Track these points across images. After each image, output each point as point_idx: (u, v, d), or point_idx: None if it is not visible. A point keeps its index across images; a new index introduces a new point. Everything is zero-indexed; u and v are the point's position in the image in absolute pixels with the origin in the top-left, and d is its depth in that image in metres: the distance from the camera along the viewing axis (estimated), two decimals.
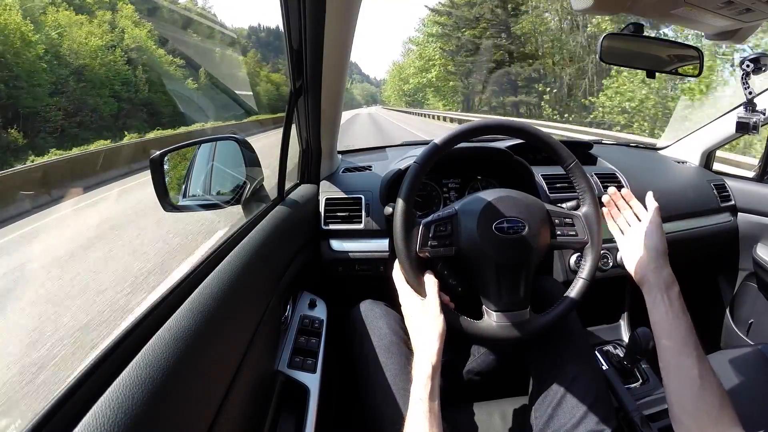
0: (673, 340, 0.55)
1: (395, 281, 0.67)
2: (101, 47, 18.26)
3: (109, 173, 8.20)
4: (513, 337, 0.65)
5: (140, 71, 19.89)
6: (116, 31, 20.32)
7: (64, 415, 0.31)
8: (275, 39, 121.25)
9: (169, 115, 20.68)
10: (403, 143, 1.45)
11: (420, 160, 0.66)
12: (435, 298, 0.61)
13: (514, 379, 0.83)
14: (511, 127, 0.69)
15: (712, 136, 1.31)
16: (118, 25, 20.90)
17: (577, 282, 0.69)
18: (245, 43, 63.08)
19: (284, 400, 0.67)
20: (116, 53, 19.07)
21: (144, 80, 19.98)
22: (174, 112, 21.11)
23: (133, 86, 19.33)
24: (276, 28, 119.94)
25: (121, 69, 19.01)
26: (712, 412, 0.49)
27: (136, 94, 19.38)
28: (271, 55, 75.32)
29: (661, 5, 0.52)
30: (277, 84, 48.42)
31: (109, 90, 17.79)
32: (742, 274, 1.29)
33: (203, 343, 0.43)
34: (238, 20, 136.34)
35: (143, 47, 21.38)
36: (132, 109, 18.71)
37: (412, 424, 0.52)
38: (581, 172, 0.70)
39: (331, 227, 1.01)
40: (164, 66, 23.23)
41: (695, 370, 0.52)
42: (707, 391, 0.51)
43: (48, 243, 4.47)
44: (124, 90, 18.76)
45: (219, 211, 0.80)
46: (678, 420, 0.52)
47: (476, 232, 0.65)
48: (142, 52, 21.23)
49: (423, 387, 0.54)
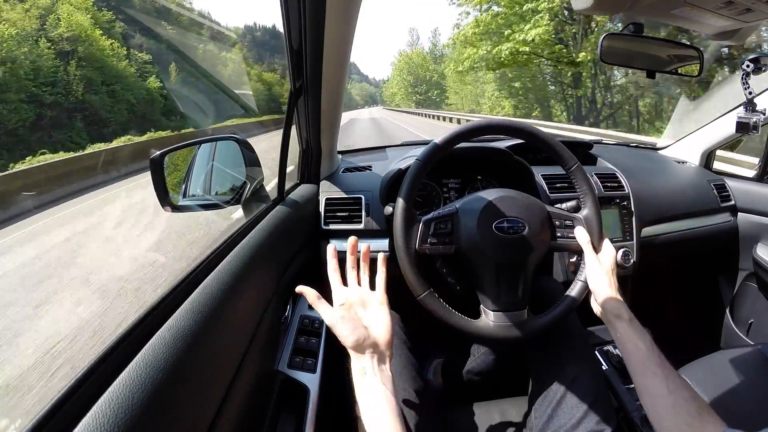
0: (634, 362, 0.57)
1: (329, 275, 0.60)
2: (13, 38, 13.50)
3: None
4: (510, 337, 0.65)
5: (73, 67, 14.95)
6: (51, 18, 15.79)
7: (64, 415, 0.31)
8: (270, 38, 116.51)
9: (120, 121, 15.74)
10: (403, 143, 1.45)
11: (421, 160, 0.66)
12: (382, 289, 0.57)
13: (514, 379, 0.82)
14: (512, 128, 0.69)
15: (712, 136, 1.31)
16: (56, 11, 15.96)
17: (576, 284, 0.69)
18: (232, 38, 57.60)
19: (284, 400, 0.67)
20: (40, 45, 14.47)
21: (79, 78, 14.88)
22: (129, 117, 16.29)
23: (62, 86, 14.46)
24: (273, 26, 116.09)
25: (46, 65, 14.30)
26: (692, 422, 0.50)
27: (67, 97, 14.52)
28: (265, 54, 66.53)
29: (661, 5, 0.52)
30: (269, 84, 41.73)
31: (22, 94, 12.87)
32: (742, 274, 1.29)
33: (203, 343, 0.43)
34: (222, 14, 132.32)
35: (82, 37, 16.07)
36: (59, 116, 13.93)
37: (369, 409, 0.48)
38: (583, 175, 0.70)
39: (332, 227, 1.01)
40: (113, 60, 17.47)
41: (663, 388, 0.53)
42: (680, 404, 0.51)
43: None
44: (49, 92, 13.90)
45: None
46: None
47: (476, 230, 0.65)
48: (80, 43, 15.86)
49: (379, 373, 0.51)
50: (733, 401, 0.71)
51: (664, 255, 1.18)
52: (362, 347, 0.51)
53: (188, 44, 30.99)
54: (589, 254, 0.67)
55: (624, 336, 0.59)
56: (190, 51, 29.71)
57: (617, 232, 1.10)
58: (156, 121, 17.92)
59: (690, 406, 0.51)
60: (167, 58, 23.93)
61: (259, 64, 50.42)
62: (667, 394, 0.52)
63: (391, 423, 0.47)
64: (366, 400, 0.49)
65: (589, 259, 0.67)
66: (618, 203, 1.09)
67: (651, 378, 0.54)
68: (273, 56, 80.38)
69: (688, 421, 0.50)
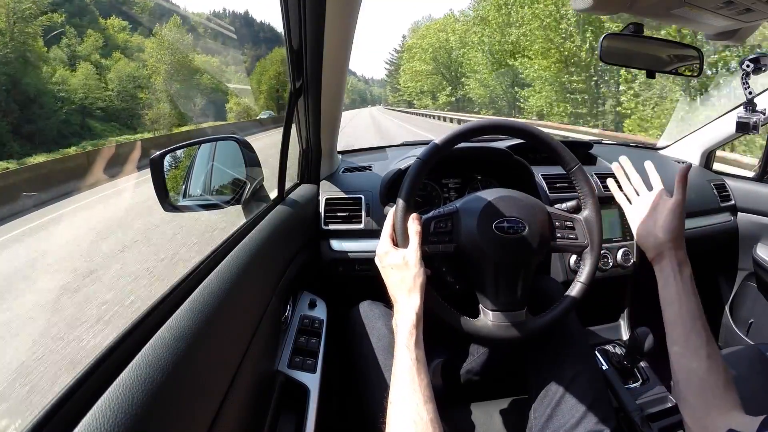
0: (683, 317, 0.56)
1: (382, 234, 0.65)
2: None
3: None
4: (508, 337, 0.65)
5: None
6: None
7: (64, 415, 0.31)
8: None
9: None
10: (403, 143, 1.45)
11: (421, 160, 0.66)
12: (417, 248, 0.60)
13: (513, 379, 0.82)
14: (513, 128, 0.69)
15: (712, 136, 1.31)
16: None
17: (575, 285, 0.69)
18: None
19: (284, 400, 0.67)
20: None
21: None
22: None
23: None
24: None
25: None
26: (716, 391, 0.50)
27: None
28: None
29: (661, 5, 0.52)
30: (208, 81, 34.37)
31: None
32: (742, 273, 1.30)
33: (203, 343, 0.43)
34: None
35: None
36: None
37: (399, 373, 0.51)
38: (584, 176, 0.70)
39: (331, 227, 1.01)
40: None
41: (704, 349, 0.52)
42: (714, 370, 0.51)
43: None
44: None
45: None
46: (683, 398, 0.53)
47: (476, 230, 0.65)
48: None
49: (409, 336, 0.54)
50: None
51: None
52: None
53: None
54: (626, 207, 0.72)
55: (682, 289, 0.58)
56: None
57: (617, 232, 1.10)
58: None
59: (720, 377, 0.51)
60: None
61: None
62: (705, 357, 0.52)
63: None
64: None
65: (628, 211, 0.71)
66: (618, 203, 1.09)
67: (696, 337, 0.53)
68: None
69: (714, 391, 0.50)
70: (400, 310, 0.57)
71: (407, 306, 0.57)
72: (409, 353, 0.52)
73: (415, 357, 0.52)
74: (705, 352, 0.52)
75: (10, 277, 3.80)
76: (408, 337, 0.54)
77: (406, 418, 0.47)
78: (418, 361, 0.52)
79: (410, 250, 0.60)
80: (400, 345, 0.54)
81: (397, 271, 0.60)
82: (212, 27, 52.82)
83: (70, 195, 8.09)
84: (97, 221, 5.65)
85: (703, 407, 0.50)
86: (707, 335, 0.54)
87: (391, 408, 0.50)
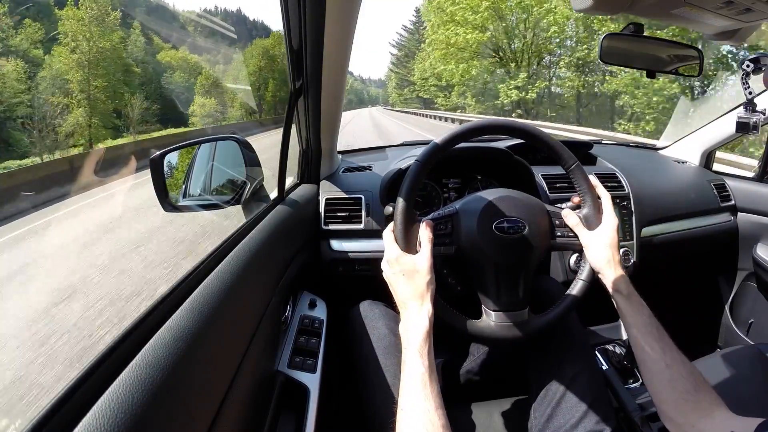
0: (632, 336, 0.59)
1: (384, 239, 0.64)
2: None
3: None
4: (511, 337, 0.65)
5: None
6: None
7: (64, 415, 0.31)
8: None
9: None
10: (403, 143, 1.45)
11: (421, 160, 0.66)
12: (429, 255, 0.60)
13: (513, 379, 0.83)
14: (512, 128, 0.69)
15: (712, 136, 1.32)
16: None
17: (577, 283, 0.69)
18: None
19: (284, 400, 0.67)
20: None
21: None
22: None
23: None
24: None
25: None
26: (688, 397, 0.51)
27: None
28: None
29: (661, 5, 0.52)
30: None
31: None
32: (742, 274, 1.30)
33: (203, 343, 0.43)
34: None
35: None
36: None
37: (410, 380, 0.51)
38: (582, 174, 0.70)
39: (331, 227, 1.01)
40: None
41: (660, 362, 0.54)
42: (678, 376, 0.53)
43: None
44: None
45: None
46: (664, 414, 0.54)
47: (476, 231, 0.65)
48: None
49: (423, 343, 0.53)
50: (733, 401, 0.71)
51: (664, 255, 1.18)
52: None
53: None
54: (583, 234, 0.67)
55: (623, 310, 0.61)
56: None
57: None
58: None
59: (687, 381, 0.52)
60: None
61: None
62: (665, 368, 0.54)
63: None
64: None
65: (585, 239, 0.67)
66: (618, 203, 1.09)
67: (648, 352, 0.56)
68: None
69: (685, 396, 0.51)
70: (411, 317, 0.57)
71: (420, 313, 0.56)
72: (422, 360, 0.52)
73: (427, 364, 0.52)
74: (664, 364, 0.54)
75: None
76: (422, 344, 0.53)
77: (418, 424, 0.47)
78: (430, 368, 0.52)
79: (422, 257, 0.60)
80: (412, 351, 0.53)
81: (407, 277, 0.59)
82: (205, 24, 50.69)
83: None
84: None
85: (681, 417, 0.52)
86: (660, 346, 0.55)
87: (401, 414, 0.49)
